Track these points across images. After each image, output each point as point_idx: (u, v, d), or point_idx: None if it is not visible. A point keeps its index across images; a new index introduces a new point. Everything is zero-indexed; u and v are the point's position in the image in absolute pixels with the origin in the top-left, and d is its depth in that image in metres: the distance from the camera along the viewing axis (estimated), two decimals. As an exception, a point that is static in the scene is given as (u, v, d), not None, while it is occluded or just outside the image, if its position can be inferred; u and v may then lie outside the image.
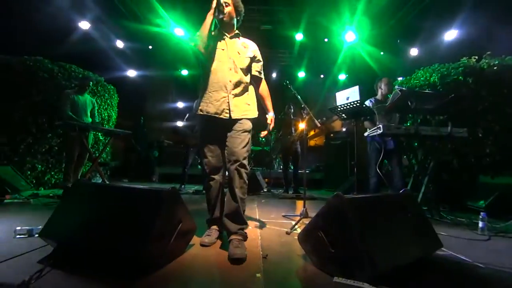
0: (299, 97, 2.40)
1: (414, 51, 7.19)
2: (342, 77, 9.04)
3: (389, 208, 1.44)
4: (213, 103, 1.72)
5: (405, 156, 4.15)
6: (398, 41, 7.18)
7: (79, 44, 5.66)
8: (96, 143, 4.88)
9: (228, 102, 1.71)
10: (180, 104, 9.15)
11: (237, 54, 1.79)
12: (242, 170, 1.67)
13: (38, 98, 4.11)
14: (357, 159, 2.55)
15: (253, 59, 1.87)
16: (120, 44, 6.62)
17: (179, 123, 8.60)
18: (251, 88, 1.88)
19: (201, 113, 1.74)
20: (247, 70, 1.84)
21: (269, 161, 5.81)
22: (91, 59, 5.47)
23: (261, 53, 1.94)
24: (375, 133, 2.57)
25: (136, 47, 7.08)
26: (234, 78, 1.74)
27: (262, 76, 1.95)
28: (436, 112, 3.35)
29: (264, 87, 1.97)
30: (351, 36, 6.86)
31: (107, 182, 3.78)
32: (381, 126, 2.44)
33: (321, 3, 6.23)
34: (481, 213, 2.19)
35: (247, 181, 1.71)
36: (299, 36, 7.26)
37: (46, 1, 5.00)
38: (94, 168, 3.63)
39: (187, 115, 4.64)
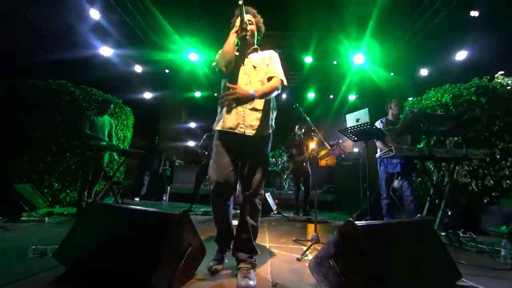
0: (308, 119, 2.43)
1: (424, 72, 7.22)
2: (352, 97, 9.11)
3: (404, 235, 1.39)
4: (229, 118, 1.67)
5: (420, 178, 4.03)
6: (392, 73, 7.31)
7: (100, 68, 6.06)
8: (111, 162, 5.03)
9: (244, 117, 1.65)
10: (192, 124, 9.40)
11: (253, 68, 1.76)
12: (256, 199, 1.62)
13: (59, 119, 4.35)
14: (369, 181, 2.51)
15: (267, 64, 1.79)
16: (138, 68, 7.03)
17: (191, 143, 8.80)
18: (271, 103, 1.80)
19: (218, 128, 1.70)
20: (265, 82, 1.75)
21: (279, 182, 5.75)
22: (111, 82, 5.81)
23: None
24: (387, 155, 2.54)
25: (153, 71, 7.49)
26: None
27: (277, 74, 1.72)
28: (450, 133, 3.30)
29: (273, 80, 1.70)
30: (360, 58, 7.00)
31: (119, 202, 3.84)
32: (392, 147, 2.42)
33: (330, 27, 6.45)
34: (504, 239, 2.06)
35: (260, 208, 1.66)
36: (308, 59, 7.47)
37: (71, 29, 5.45)
38: (107, 187, 3.72)
39: (205, 135, 4.72)
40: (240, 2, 1.57)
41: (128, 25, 5.87)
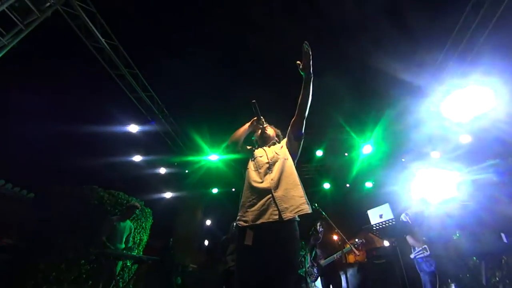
0: (331, 222, 2.39)
1: (435, 154, 7.26)
2: (368, 184, 9.00)
3: None
4: (256, 209, 1.54)
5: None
6: (403, 159, 7.57)
7: (128, 172, 6.66)
8: (122, 270, 4.74)
9: (275, 201, 1.54)
10: (208, 222, 9.19)
11: (275, 154, 1.79)
12: None
13: (84, 223, 4.44)
14: (409, 283, 2.21)
15: (286, 139, 1.89)
16: (162, 170, 7.65)
17: (206, 242, 8.36)
18: (298, 179, 1.70)
19: (245, 224, 1.53)
20: (288, 158, 1.75)
21: (305, 289, 4.94)
22: (136, 184, 6.25)
23: None
24: (422, 255, 2.32)
25: (174, 171, 8.08)
26: (275, 175, 1.65)
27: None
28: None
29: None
30: (369, 148, 7.40)
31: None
32: (426, 246, 2.24)
33: (341, 126, 7.14)
34: None
35: None
36: (319, 153, 7.95)
37: (112, 140, 6.36)
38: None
39: (223, 237, 4.56)
40: (253, 101, 1.79)
41: (158, 135, 6.83)
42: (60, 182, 5.16)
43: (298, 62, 1.66)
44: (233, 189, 8.58)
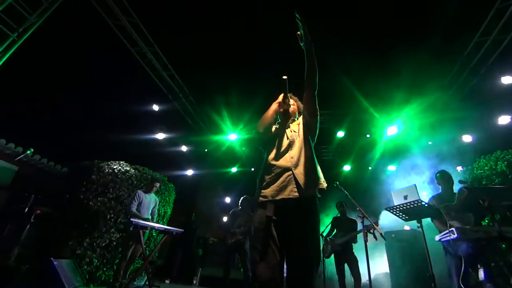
0: (352, 200, 2.34)
1: (467, 138, 6.78)
2: (391, 168, 8.70)
3: None
4: (276, 186, 1.56)
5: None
6: (430, 142, 7.09)
7: (152, 149, 6.94)
8: (148, 239, 5.09)
9: (295, 178, 1.56)
10: (227, 199, 9.49)
11: (293, 132, 1.79)
12: None
13: (113, 195, 4.75)
14: (432, 267, 2.15)
15: (302, 117, 1.84)
16: (184, 148, 7.92)
17: (225, 218, 8.71)
18: (315, 160, 1.71)
19: (264, 199, 1.56)
20: (305, 136, 1.74)
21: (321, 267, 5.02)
22: (160, 160, 6.53)
23: None
24: (448, 238, 2.22)
25: (196, 150, 8.33)
26: (295, 153, 1.66)
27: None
28: (520, 209, 2.84)
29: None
30: (394, 129, 7.04)
31: (151, 283, 3.71)
32: (454, 229, 2.13)
33: (364, 104, 6.81)
34: None
35: None
36: (340, 134, 7.71)
37: (137, 119, 6.59)
38: (143, 267, 3.66)
39: (232, 211, 4.73)
40: (284, 77, 1.69)
41: (179, 114, 6.97)
42: (90, 157, 5.50)
43: (298, 33, 1.57)
44: (252, 169, 8.69)
